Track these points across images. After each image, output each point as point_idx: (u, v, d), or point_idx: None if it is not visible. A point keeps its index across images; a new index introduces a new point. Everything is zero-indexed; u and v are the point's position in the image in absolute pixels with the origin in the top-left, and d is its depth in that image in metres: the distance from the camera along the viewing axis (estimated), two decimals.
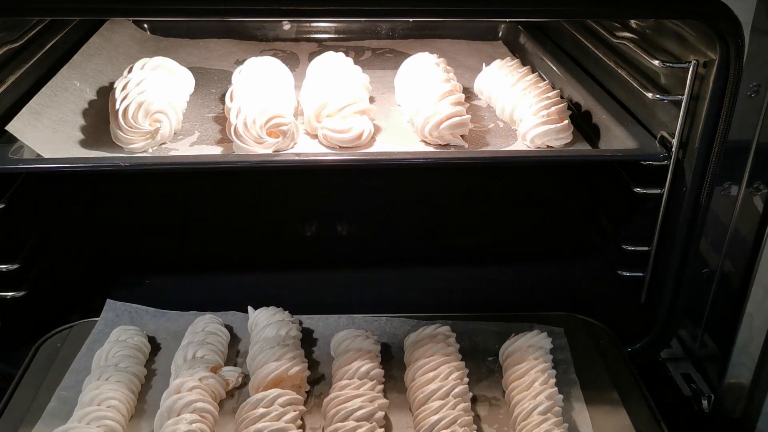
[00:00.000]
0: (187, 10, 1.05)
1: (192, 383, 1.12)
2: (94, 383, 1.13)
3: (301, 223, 1.78)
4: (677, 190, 1.20)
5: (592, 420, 1.14)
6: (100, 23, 1.68)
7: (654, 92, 1.21)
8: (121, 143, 1.27)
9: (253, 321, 1.30)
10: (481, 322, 1.35)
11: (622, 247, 1.35)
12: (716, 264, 1.23)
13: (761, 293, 1.21)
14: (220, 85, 1.59)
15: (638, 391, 1.19)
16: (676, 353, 1.36)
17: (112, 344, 1.21)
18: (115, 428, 1.07)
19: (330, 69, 1.46)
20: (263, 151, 1.25)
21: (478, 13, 1.14)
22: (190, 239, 1.69)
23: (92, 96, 1.45)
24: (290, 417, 1.08)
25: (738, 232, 1.20)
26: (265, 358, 1.19)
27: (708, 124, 1.11)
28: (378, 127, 1.37)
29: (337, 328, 1.29)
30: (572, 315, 1.38)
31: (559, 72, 1.55)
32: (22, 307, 1.33)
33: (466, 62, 1.75)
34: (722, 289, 1.25)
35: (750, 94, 1.08)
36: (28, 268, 1.35)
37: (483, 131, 1.41)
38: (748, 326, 1.23)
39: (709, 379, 1.31)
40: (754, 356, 1.24)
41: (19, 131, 1.18)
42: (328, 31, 1.93)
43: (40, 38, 1.44)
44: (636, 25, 1.34)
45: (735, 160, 1.14)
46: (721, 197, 1.17)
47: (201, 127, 1.39)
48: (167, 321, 1.34)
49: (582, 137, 1.37)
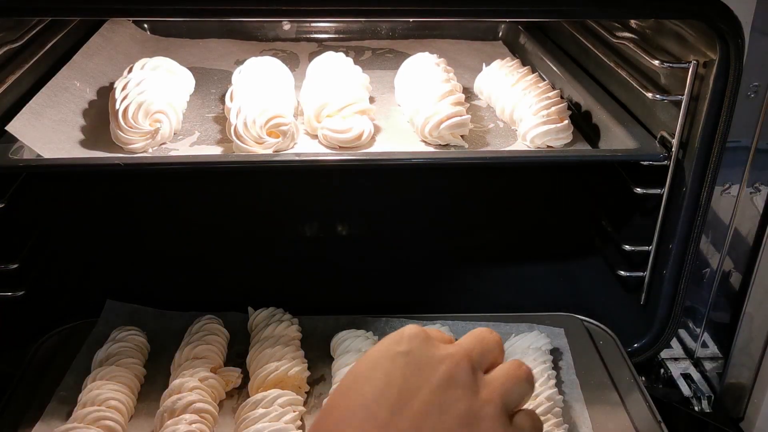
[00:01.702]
0: (187, 10, 1.05)
1: (192, 383, 1.12)
2: (94, 383, 1.13)
3: (301, 223, 1.78)
4: (677, 190, 1.20)
5: (592, 420, 1.14)
6: (100, 23, 1.68)
7: (654, 92, 1.21)
8: (121, 143, 1.27)
9: (253, 321, 1.30)
10: (480, 323, 1.35)
11: (622, 247, 1.35)
12: (716, 264, 1.23)
13: (761, 293, 1.21)
14: (220, 85, 1.59)
15: (638, 391, 1.19)
16: (676, 353, 1.36)
17: (112, 344, 1.21)
18: (115, 428, 1.07)
19: (330, 69, 1.46)
20: (263, 151, 1.25)
21: (478, 13, 1.14)
22: (190, 239, 1.69)
23: (92, 96, 1.45)
24: (290, 417, 1.08)
25: (738, 232, 1.20)
26: (265, 358, 1.19)
27: (708, 124, 1.11)
28: (378, 127, 1.37)
29: (336, 328, 1.29)
30: (572, 315, 1.38)
31: (559, 72, 1.55)
32: (22, 307, 1.32)
33: (466, 62, 1.75)
34: (722, 289, 1.25)
35: (750, 94, 1.08)
36: (28, 268, 1.35)
37: (483, 131, 1.41)
38: (748, 326, 1.23)
39: (709, 379, 1.31)
40: (754, 356, 1.24)
41: (19, 131, 1.18)
42: (328, 31, 1.93)
43: (40, 38, 1.43)
44: (636, 26, 1.34)
45: (735, 160, 1.14)
46: (721, 197, 1.17)
47: (201, 127, 1.39)
48: (167, 321, 1.34)
49: (582, 137, 1.37)
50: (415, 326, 0.67)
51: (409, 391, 0.61)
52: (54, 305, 1.42)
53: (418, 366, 0.63)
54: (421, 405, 0.60)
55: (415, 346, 0.65)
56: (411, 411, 0.60)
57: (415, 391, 0.61)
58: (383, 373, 0.62)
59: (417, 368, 0.63)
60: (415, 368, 0.63)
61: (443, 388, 0.62)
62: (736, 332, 1.24)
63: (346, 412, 0.61)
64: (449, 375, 0.63)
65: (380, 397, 0.61)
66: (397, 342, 0.65)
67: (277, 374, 1.15)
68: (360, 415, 0.60)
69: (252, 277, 1.57)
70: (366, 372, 0.64)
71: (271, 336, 1.24)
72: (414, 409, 0.60)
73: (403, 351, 0.64)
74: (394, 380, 0.62)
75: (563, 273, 1.60)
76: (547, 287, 1.56)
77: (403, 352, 0.64)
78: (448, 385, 0.62)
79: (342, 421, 0.60)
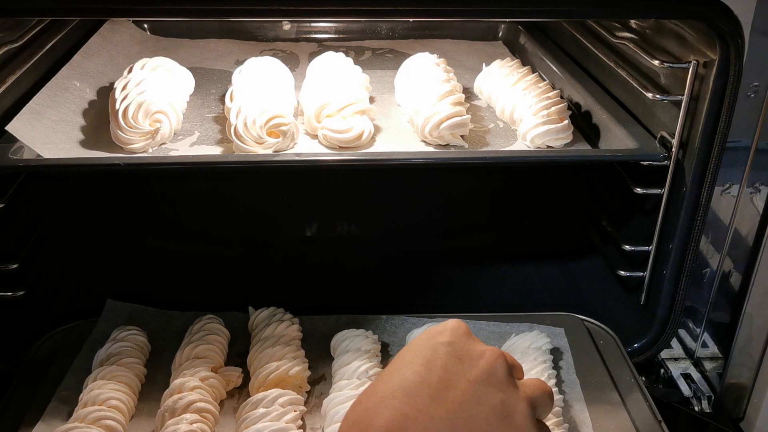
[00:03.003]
0: (187, 10, 1.05)
1: (193, 383, 1.12)
2: (95, 383, 1.13)
3: (301, 223, 1.78)
4: (677, 190, 1.20)
5: (592, 420, 1.14)
6: (100, 23, 1.68)
7: (654, 92, 1.21)
8: (121, 143, 1.27)
9: (253, 321, 1.30)
10: (480, 322, 1.35)
11: (622, 247, 1.35)
12: (716, 264, 1.23)
13: (761, 293, 1.21)
14: (220, 85, 1.59)
15: (638, 391, 1.19)
16: (676, 353, 1.36)
17: (113, 344, 1.21)
18: (115, 428, 1.07)
19: (330, 69, 1.46)
20: (263, 152, 1.25)
21: (478, 13, 1.14)
22: (190, 239, 1.69)
23: (92, 96, 1.45)
24: (291, 417, 1.08)
25: (738, 232, 1.20)
26: (266, 358, 1.19)
27: (708, 124, 1.11)
28: (378, 127, 1.37)
29: (337, 328, 1.29)
30: (572, 315, 1.38)
31: (559, 72, 1.55)
32: (22, 307, 1.32)
33: (466, 62, 1.75)
34: (722, 289, 1.25)
35: (750, 94, 1.08)
36: (28, 268, 1.34)
37: (483, 131, 1.41)
38: (748, 326, 1.23)
39: (709, 379, 1.31)
40: (754, 356, 1.24)
41: (19, 131, 1.18)
42: (328, 31, 1.93)
43: (40, 38, 1.43)
44: (636, 26, 1.35)
45: (735, 160, 1.14)
46: (721, 197, 1.17)
47: (201, 127, 1.40)
48: (168, 321, 1.34)
49: (582, 137, 1.37)
50: (458, 320, 0.70)
51: (449, 381, 0.64)
52: (54, 305, 1.42)
53: (458, 357, 0.66)
54: (459, 394, 0.63)
55: (457, 338, 0.68)
56: (449, 399, 0.62)
57: (454, 381, 0.64)
58: (425, 360, 0.65)
59: (457, 359, 0.66)
60: (456, 359, 0.66)
61: (481, 381, 0.65)
62: (736, 332, 1.24)
63: (387, 394, 0.63)
64: (488, 369, 0.66)
65: (421, 383, 0.63)
66: (440, 333, 0.69)
67: (277, 374, 1.15)
68: (400, 397, 0.62)
69: (252, 277, 1.57)
70: (409, 359, 0.67)
71: (272, 336, 1.24)
72: (452, 398, 0.62)
73: (445, 342, 0.67)
74: (434, 368, 0.65)
75: (563, 273, 1.60)
76: (548, 287, 1.56)
77: (445, 343, 0.67)
78: (487, 379, 0.65)
79: (382, 401, 0.62)
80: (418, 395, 0.62)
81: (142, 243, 1.68)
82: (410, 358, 0.66)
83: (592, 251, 1.57)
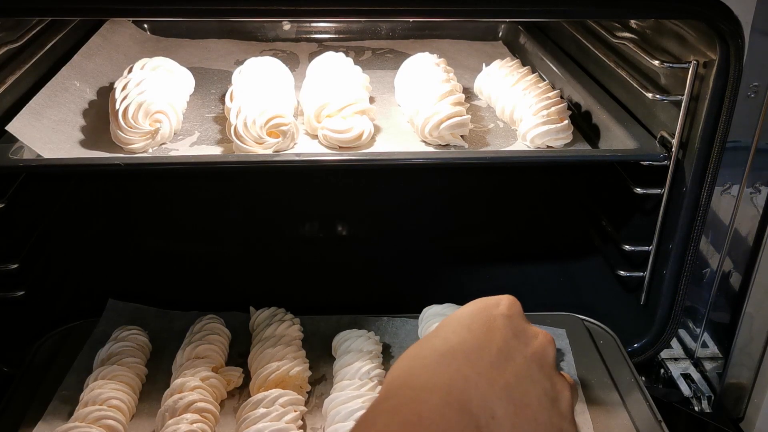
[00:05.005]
0: (187, 10, 1.05)
1: (193, 383, 1.12)
2: (96, 383, 1.13)
3: (301, 223, 1.78)
4: (677, 190, 1.20)
5: (592, 420, 1.14)
6: (100, 23, 1.68)
7: (654, 92, 1.22)
8: (121, 143, 1.27)
9: (254, 321, 1.30)
10: None
11: (622, 247, 1.35)
12: (716, 264, 1.23)
13: (761, 293, 1.21)
14: (220, 85, 1.59)
15: (638, 391, 1.19)
16: (676, 353, 1.36)
17: (114, 343, 1.21)
18: (116, 428, 1.07)
19: (330, 69, 1.46)
20: (263, 151, 1.25)
21: (478, 13, 1.14)
22: (190, 239, 1.69)
23: (92, 96, 1.45)
24: (291, 417, 1.08)
25: (738, 232, 1.20)
26: (267, 358, 1.19)
27: (708, 125, 1.11)
28: (378, 127, 1.37)
29: (338, 328, 1.29)
30: (572, 315, 1.38)
31: (559, 72, 1.55)
32: (22, 307, 1.33)
33: (466, 62, 1.75)
34: (722, 289, 1.25)
35: (750, 94, 1.08)
36: (28, 268, 1.35)
37: (483, 131, 1.41)
38: (748, 326, 1.23)
39: (709, 379, 1.31)
40: (754, 356, 1.24)
41: (19, 131, 1.18)
42: (328, 31, 1.93)
43: (40, 38, 1.43)
44: (636, 26, 1.35)
45: (735, 160, 1.14)
46: (721, 197, 1.17)
47: (201, 127, 1.40)
48: (168, 321, 1.34)
49: (582, 137, 1.37)
50: (513, 297, 0.70)
51: (507, 353, 0.63)
52: (54, 305, 1.42)
53: (515, 333, 0.66)
54: (517, 368, 0.63)
55: (513, 313, 0.68)
56: (508, 371, 0.62)
57: (512, 354, 0.64)
58: (485, 328, 0.65)
59: (514, 335, 0.65)
60: (513, 334, 0.65)
61: (535, 362, 0.65)
62: (736, 332, 1.24)
63: (447, 353, 0.62)
64: (541, 351, 0.66)
65: (481, 348, 0.62)
66: (497, 305, 0.68)
67: (278, 374, 1.15)
68: (460, 359, 0.61)
69: (253, 277, 1.57)
70: (466, 322, 0.65)
71: (273, 336, 1.24)
72: (510, 370, 0.62)
73: (504, 314, 0.67)
74: (494, 338, 0.64)
75: (563, 273, 1.60)
76: (548, 287, 1.56)
77: (503, 315, 0.67)
78: (540, 361, 0.65)
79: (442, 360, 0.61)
80: (479, 360, 0.61)
81: (142, 243, 1.68)
82: (468, 323, 0.65)
83: (592, 251, 1.57)
